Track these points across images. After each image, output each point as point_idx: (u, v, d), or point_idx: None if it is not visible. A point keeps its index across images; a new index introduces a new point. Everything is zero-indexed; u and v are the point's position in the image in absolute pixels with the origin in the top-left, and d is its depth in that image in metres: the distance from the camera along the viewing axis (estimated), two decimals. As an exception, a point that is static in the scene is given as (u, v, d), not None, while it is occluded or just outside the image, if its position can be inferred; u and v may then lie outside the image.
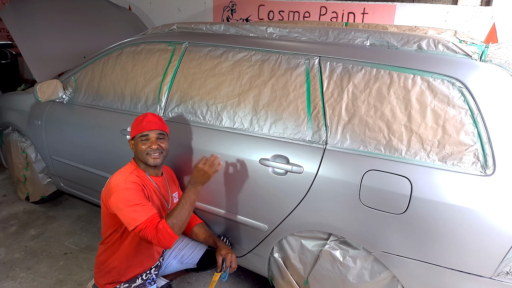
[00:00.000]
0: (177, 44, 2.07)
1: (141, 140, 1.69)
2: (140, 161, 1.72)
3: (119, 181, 1.59)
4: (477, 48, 1.45)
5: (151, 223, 1.49)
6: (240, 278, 2.27)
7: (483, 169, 1.30)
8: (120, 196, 1.53)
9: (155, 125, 1.71)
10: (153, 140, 1.69)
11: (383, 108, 1.48)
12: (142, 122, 1.70)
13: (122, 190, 1.55)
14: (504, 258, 1.27)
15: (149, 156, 1.68)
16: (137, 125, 1.71)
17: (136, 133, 1.70)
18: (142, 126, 1.69)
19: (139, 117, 1.74)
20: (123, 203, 1.52)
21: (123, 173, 1.65)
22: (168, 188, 1.82)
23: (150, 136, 1.69)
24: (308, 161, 1.59)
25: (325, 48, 1.66)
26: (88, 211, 3.00)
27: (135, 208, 1.51)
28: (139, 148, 1.69)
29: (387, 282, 1.53)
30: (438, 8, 3.26)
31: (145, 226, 1.48)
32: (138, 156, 1.71)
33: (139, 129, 1.69)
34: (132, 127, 1.74)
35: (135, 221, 1.48)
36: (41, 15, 2.97)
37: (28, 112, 2.65)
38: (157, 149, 1.69)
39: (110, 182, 1.62)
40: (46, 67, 2.82)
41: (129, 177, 1.62)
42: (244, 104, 1.77)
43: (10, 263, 2.35)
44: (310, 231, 1.67)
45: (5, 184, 3.41)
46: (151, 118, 1.72)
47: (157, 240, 1.48)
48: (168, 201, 1.81)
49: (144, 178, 1.70)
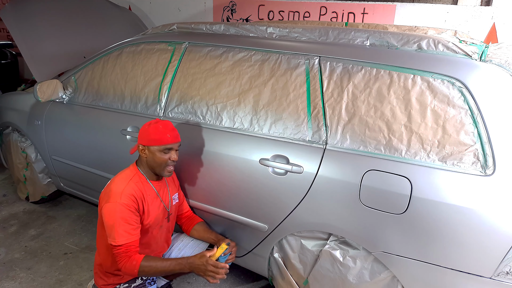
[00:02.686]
0: (177, 44, 2.07)
1: (164, 152, 1.63)
2: (150, 169, 1.68)
3: (118, 191, 1.56)
4: (477, 48, 1.45)
5: (127, 250, 1.53)
6: (240, 278, 2.27)
7: (483, 169, 1.30)
8: (112, 210, 1.53)
9: (178, 138, 1.67)
10: (174, 152, 1.65)
11: (383, 108, 1.48)
12: (166, 133, 1.61)
13: (116, 204, 1.53)
14: (504, 258, 1.27)
15: (167, 170, 1.65)
16: (160, 135, 1.61)
17: (159, 144, 1.61)
18: (167, 138, 1.61)
19: (157, 125, 1.62)
20: (112, 217, 1.53)
21: (123, 179, 1.62)
22: (168, 190, 1.81)
23: (173, 148, 1.65)
24: (308, 161, 1.59)
25: (325, 48, 1.66)
26: (88, 211, 3.00)
27: (121, 228, 1.52)
28: (158, 159, 1.62)
29: (387, 282, 1.53)
30: (438, 8, 3.26)
31: (121, 251, 1.53)
32: (153, 166, 1.65)
33: (164, 140, 1.61)
34: (150, 135, 1.62)
35: (115, 241, 1.52)
36: (41, 15, 2.97)
37: (28, 112, 2.65)
38: (176, 160, 1.66)
39: (110, 187, 1.60)
40: (46, 67, 2.82)
41: (127, 188, 1.58)
42: (244, 104, 1.77)
43: (10, 263, 2.35)
44: (310, 231, 1.67)
45: (5, 184, 3.41)
46: (173, 129, 1.65)
47: (122, 267, 1.54)
48: (168, 204, 1.80)
49: (144, 185, 1.67)
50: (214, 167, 1.83)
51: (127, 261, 1.53)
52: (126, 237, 1.53)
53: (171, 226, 1.87)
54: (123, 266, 1.53)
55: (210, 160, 1.84)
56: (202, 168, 1.87)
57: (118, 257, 1.54)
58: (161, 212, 1.74)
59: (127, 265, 1.53)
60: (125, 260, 1.53)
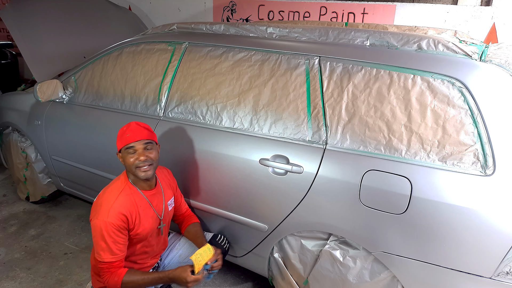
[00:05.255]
0: (177, 44, 2.07)
1: (128, 153, 1.57)
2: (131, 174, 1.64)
3: (106, 207, 1.53)
4: (477, 48, 1.45)
5: (110, 267, 1.56)
6: (240, 278, 2.27)
7: (483, 169, 1.30)
8: (98, 227, 1.52)
9: (141, 135, 1.58)
10: (140, 151, 1.57)
11: (383, 108, 1.48)
12: (126, 133, 1.58)
13: (102, 222, 1.51)
14: (504, 258, 1.27)
15: (139, 170, 1.58)
16: (121, 136, 1.59)
17: (121, 146, 1.58)
18: (126, 138, 1.57)
19: (123, 127, 1.61)
20: (98, 234, 1.52)
21: (113, 192, 1.58)
22: (163, 197, 1.75)
23: (136, 147, 1.57)
24: (308, 161, 1.59)
25: (325, 48, 1.66)
26: (88, 211, 3.00)
27: (105, 246, 1.53)
28: (127, 162, 1.58)
29: (387, 282, 1.53)
30: (438, 8, 3.26)
31: (104, 267, 1.55)
32: (128, 169, 1.62)
33: (124, 141, 1.57)
34: (117, 139, 1.61)
35: (100, 257, 1.54)
36: (41, 15, 2.97)
37: (28, 112, 2.65)
38: (146, 160, 1.57)
39: (101, 200, 1.57)
40: (46, 67, 2.82)
41: (116, 204, 1.54)
42: (244, 104, 1.77)
43: (10, 263, 2.35)
44: (310, 231, 1.67)
45: (5, 184, 3.41)
46: (134, 127, 1.59)
47: (105, 281, 1.57)
48: (161, 213, 1.74)
49: (135, 196, 1.62)
50: (214, 167, 1.82)
51: (109, 276, 1.56)
52: (110, 255, 1.54)
53: (166, 229, 1.84)
54: (106, 281, 1.57)
55: (210, 160, 1.84)
56: (202, 168, 1.87)
57: (102, 272, 1.57)
58: (154, 221, 1.70)
59: (109, 280, 1.56)
60: (108, 275, 1.56)
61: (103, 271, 1.56)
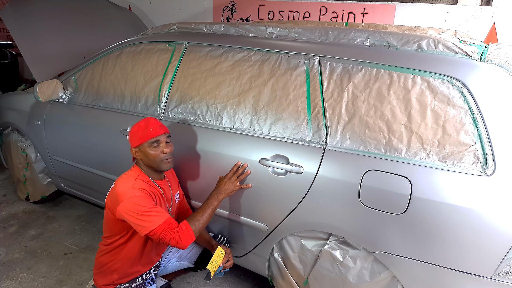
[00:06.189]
0: (177, 44, 2.07)
1: (152, 147, 1.62)
2: (150, 168, 1.67)
3: (126, 189, 1.56)
4: (477, 48, 1.45)
5: (169, 226, 1.52)
6: (240, 278, 2.27)
7: (483, 169, 1.30)
8: (130, 203, 1.52)
9: (162, 129, 1.65)
10: (164, 144, 1.64)
11: (383, 108, 1.48)
12: (148, 128, 1.62)
13: (132, 197, 1.53)
14: (504, 258, 1.27)
15: (164, 162, 1.64)
16: (142, 132, 1.62)
17: (144, 140, 1.61)
18: (150, 132, 1.61)
19: (140, 124, 1.65)
20: (135, 209, 1.51)
21: (128, 179, 1.62)
22: (170, 189, 1.80)
23: (161, 140, 1.64)
24: (308, 161, 1.58)
25: (325, 48, 1.66)
26: (88, 211, 3.00)
27: (149, 213, 1.51)
28: (151, 155, 1.62)
29: (387, 282, 1.53)
30: (438, 8, 3.26)
31: (162, 229, 1.51)
32: (150, 163, 1.65)
33: (147, 135, 1.61)
34: (135, 135, 1.64)
35: (151, 225, 1.50)
36: (41, 15, 2.97)
37: (28, 112, 2.65)
38: (170, 152, 1.65)
39: (115, 189, 1.59)
40: (46, 67, 2.82)
41: (136, 184, 1.59)
42: (244, 104, 1.77)
43: (10, 263, 2.35)
44: (310, 231, 1.67)
45: (5, 184, 3.41)
46: (156, 122, 1.65)
47: (176, 240, 1.51)
48: (170, 203, 1.79)
49: (149, 183, 1.66)
50: (214, 167, 1.82)
51: (177, 233, 1.52)
52: (158, 217, 1.52)
53: None
54: (176, 239, 1.51)
55: (210, 160, 1.84)
56: (202, 168, 1.87)
57: (164, 237, 1.51)
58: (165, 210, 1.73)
59: (180, 236, 1.52)
60: (174, 233, 1.52)
61: (167, 233, 1.51)
